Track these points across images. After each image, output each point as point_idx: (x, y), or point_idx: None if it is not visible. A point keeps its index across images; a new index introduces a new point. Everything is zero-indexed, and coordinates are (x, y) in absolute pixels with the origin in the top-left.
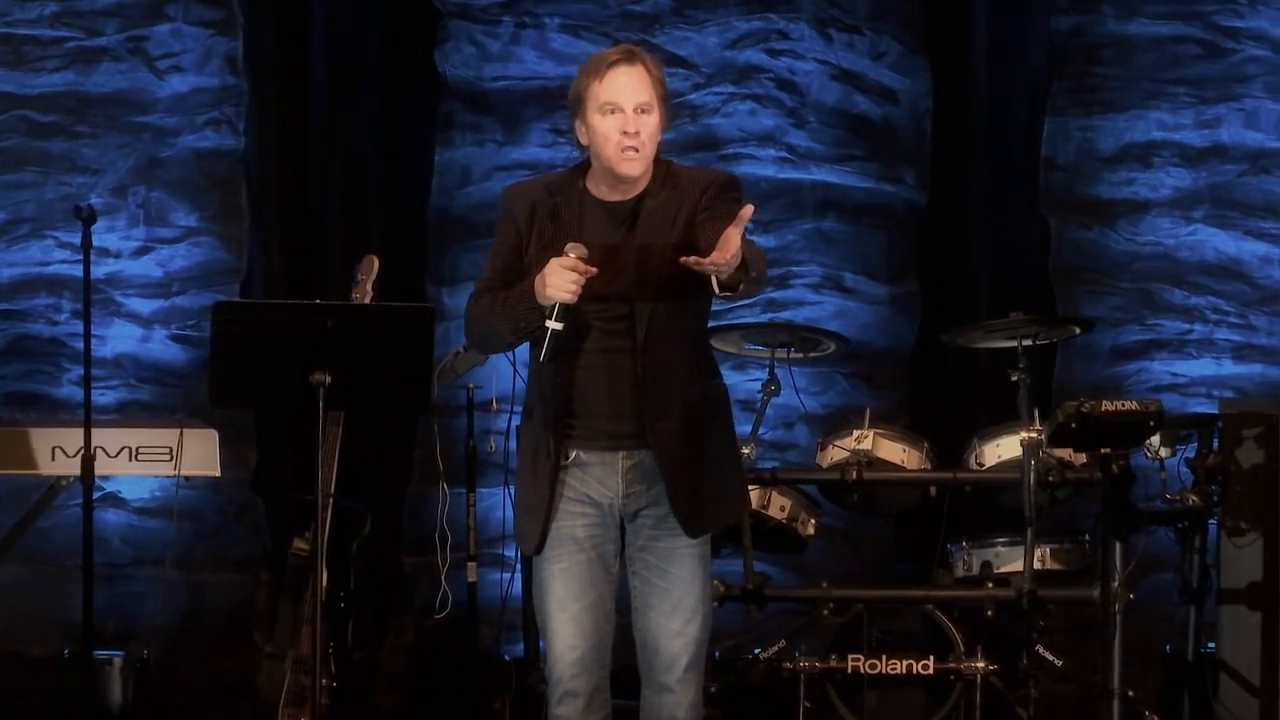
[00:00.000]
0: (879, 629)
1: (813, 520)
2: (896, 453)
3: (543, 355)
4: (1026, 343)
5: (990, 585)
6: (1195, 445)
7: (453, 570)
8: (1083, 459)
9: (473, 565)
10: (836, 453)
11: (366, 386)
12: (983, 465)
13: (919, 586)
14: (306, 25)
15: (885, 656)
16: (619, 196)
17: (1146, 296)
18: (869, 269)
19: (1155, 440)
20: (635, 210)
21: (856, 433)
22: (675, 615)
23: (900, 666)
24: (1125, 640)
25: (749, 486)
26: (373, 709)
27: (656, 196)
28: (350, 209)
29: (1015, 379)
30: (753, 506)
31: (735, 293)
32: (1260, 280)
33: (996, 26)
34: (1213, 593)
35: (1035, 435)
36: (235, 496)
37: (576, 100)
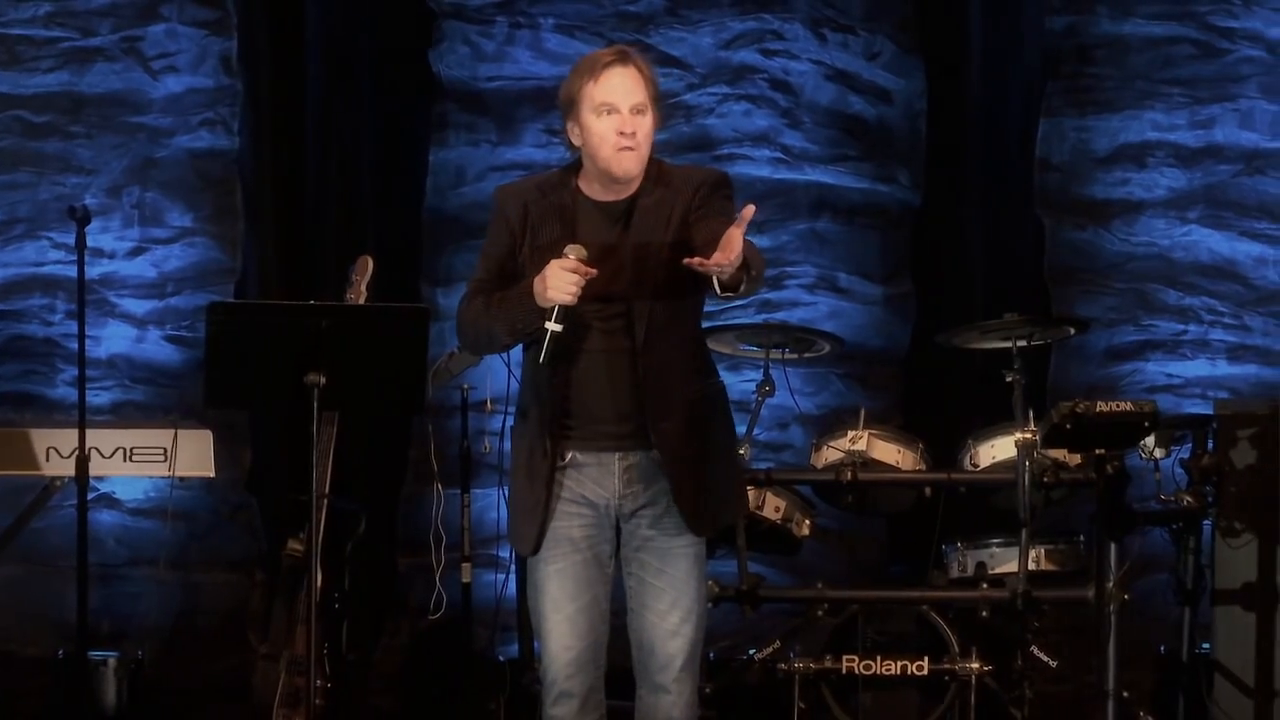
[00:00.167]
0: (874, 630)
1: (807, 521)
2: (891, 453)
3: (542, 357)
4: (1021, 343)
5: (985, 586)
6: (1190, 446)
7: (447, 571)
8: (1077, 460)
9: (467, 566)
10: (831, 453)
11: (361, 387)
12: (977, 466)
13: (914, 587)
14: (301, 25)
15: (880, 657)
16: (613, 196)
17: (1141, 297)
18: (864, 269)
19: (1150, 441)
20: (629, 210)
21: (851, 433)
22: (671, 614)
23: (895, 667)
24: (1120, 641)
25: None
26: (367, 710)
27: (650, 196)
28: (345, 209)
29: (1010, 380)
30: (748, 507)
31: (736, 292)
32: (1255, 281)
33: (991, 27)
34: (1207, 593)
35: (1030, 436)
36: (230, 497)
37: (569, 102)
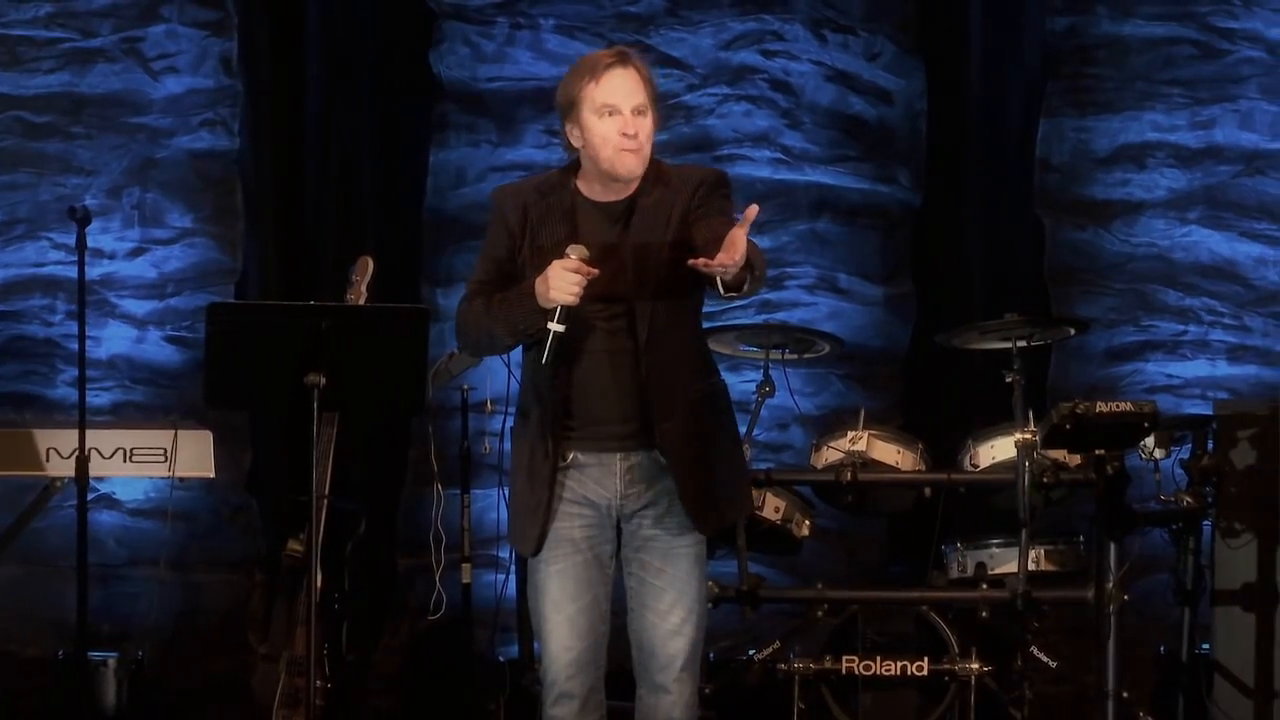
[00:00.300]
0: (873, 630)
1: (807, 521)
2: (891, 454)
3: (544, 358)
4: (1021, 344)
5: (985, 586)
6: (1190, 446)
7: (447, 571)
8: (1077, 460)
9: (467, 566)
10: (831, 454)
11: (361, 388)
12: (977, 466)
13: (913, 588)
14: (301, 26)
15: (880, 658)
16: (612, 197)
17: (1141, 298)
18: (864, 270)
19: (1150, 441)
20: (629, 210)
21: (851, 434)
22: (672, 614)
23: (895, 668)
24: (1120, 641)
25: None
26: (367, 710)
27: (649, 195)
28: (345, 210)
29: (1010, 380)
30: (752, 505)
31: (739, 292)
32: (1254, 281)
33: (991, 27)
34: (1207, 594)
35: (1030, 436)
36: (230, 497)
37: (569, 103)
